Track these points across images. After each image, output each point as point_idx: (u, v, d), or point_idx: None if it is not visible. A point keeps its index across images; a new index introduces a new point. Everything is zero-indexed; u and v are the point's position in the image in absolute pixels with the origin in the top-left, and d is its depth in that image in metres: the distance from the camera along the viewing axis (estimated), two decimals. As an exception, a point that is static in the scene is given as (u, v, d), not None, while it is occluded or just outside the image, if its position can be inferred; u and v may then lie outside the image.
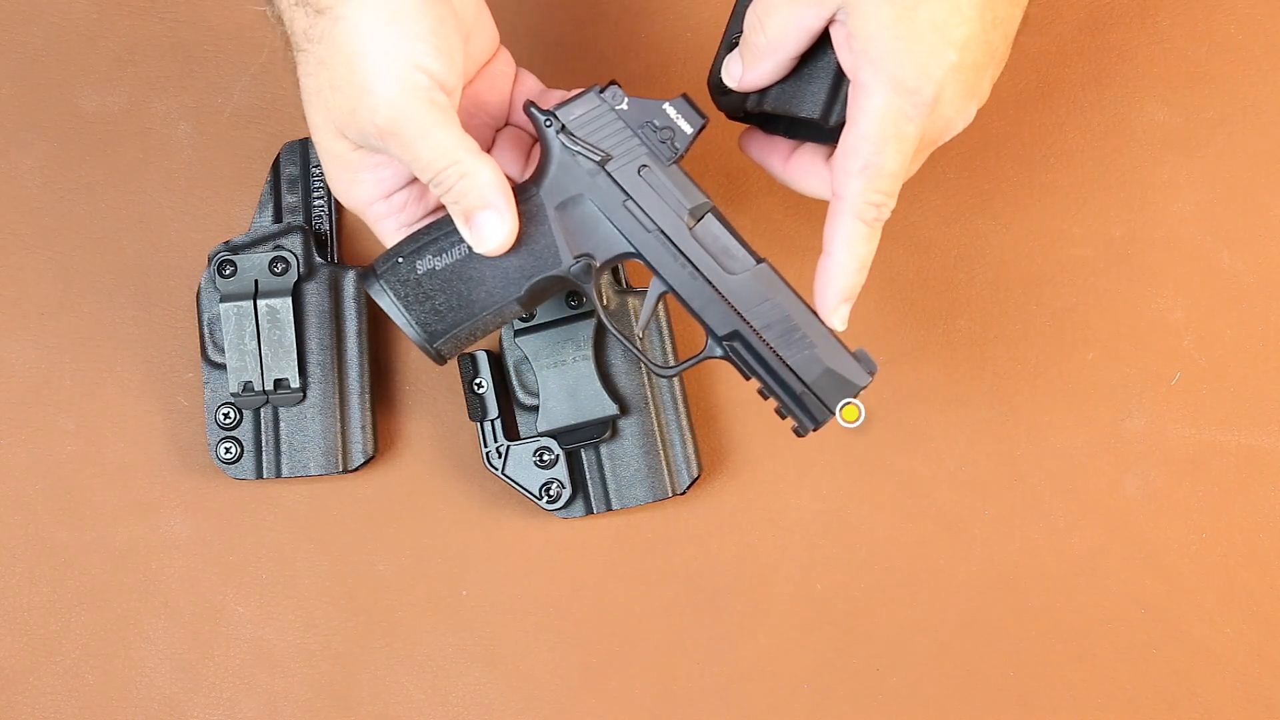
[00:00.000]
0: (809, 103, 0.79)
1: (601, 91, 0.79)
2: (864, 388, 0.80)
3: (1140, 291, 0.94)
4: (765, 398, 0.81)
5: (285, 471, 0.90)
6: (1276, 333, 0.93)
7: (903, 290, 0.94)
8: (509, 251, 0.78)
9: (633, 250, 0.80)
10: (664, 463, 0.91)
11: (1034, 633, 0.92)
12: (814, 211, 0.94)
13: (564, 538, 0.92)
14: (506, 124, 0.84)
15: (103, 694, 0.90)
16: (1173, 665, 0.91)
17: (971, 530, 0.92)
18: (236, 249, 0.90)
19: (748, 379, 0.81)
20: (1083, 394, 0.93)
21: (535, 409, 0.90)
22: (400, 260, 0.79)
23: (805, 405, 0.80)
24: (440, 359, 0.81)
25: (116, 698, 0.91)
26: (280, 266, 0.90)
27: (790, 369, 0.79)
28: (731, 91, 0.80)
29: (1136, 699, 0.91)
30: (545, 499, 0.90)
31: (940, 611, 0.92)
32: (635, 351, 0.82)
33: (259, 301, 0.89)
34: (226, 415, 0.90)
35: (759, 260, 0.80)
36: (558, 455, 0.90)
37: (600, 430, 0.90)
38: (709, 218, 0.79)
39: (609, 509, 0.91)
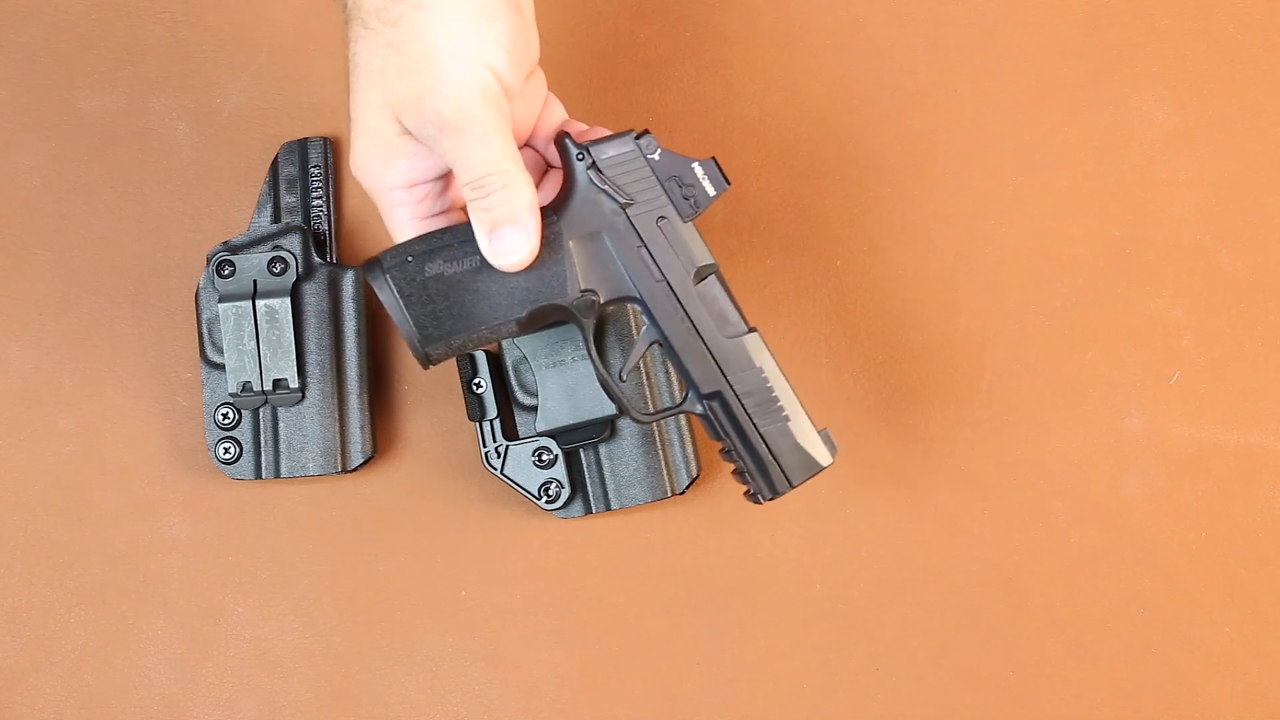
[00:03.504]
0: None
1: (638, 138, 0.80)
2: (825, 468, 0.82)
3: (1139, 291, 0.94)
4: (730, 460, 0.82)
5: (284, 472, 0.90)
6: (1276, 333, 0.93)
7: (903, 290, 0.94)
8: (520, 272, 0.78)
9: (636, 295, 0.81)
10: (663, 462, 0.91)
11: (1034, 633, 0.91)
12: (812, 212, 0.95)
13: (563, 538, 0.92)
14: (524, 145, 0.83)
15: (102, 694, 0.90)
16: (1173, 665, 0.91)
17: (971, 530, 0.92)
18: (235, 249, 0.90)
19: (717, 439, 0.82)
20: (1082, 394, 0.93)
21: (534, 409, 0.90)
22: (410, 259, 0.79)
23: (768, 474, 0.82)
24: (427, 362, 0.80)
25: (116, 698, 0.90)
26: (279, 267, 0.90)
27: (762, 438, 0.81)
28: None
29: (1136, 699, 0.91)
30: (544, 499, 0.90)
31: (940, 611, 0.92)
32: (618, 396, 0.82)
33: (258, 302, 0.89)
34: (225, 415, 0.90)
35: (750, 329, 0.81)
36: (557, 455, 0.90)
37: (599, 430, 0.90)
38: (712, 279, 0.81)
39: (608, 509, 0.91)
